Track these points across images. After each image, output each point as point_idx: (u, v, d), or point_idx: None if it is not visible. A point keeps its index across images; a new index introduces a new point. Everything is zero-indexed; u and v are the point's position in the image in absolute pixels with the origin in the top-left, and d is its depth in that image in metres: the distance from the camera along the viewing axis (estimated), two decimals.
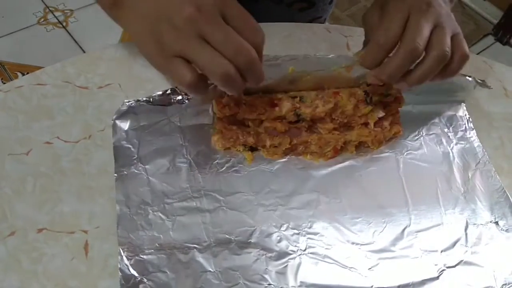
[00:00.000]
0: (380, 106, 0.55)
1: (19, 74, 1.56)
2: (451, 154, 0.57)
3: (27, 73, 0.56)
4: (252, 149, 0.53)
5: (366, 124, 0.55)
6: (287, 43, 0.66)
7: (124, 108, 0.52)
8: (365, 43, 0.53)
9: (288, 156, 0.54)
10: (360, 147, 0.56)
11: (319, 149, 0.54)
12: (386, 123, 0.56)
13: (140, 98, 0.52)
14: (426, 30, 0.47)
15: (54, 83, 0.57)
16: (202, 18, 0.42)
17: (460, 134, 0.59)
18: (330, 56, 0.52)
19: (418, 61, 0.48)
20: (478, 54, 0.73)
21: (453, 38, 0.49)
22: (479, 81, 0.59)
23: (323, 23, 0.86)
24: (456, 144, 0.58)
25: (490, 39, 1.99)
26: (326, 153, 0.54)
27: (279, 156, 0.54)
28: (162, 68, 0.45)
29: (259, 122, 0.53)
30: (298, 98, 0.53)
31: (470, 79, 0.58)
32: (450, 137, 0.58)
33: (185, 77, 0.43)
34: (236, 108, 0.52)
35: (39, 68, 0.59)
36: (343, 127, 0.55)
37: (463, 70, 0.51)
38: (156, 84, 0.58)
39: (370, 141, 0.55)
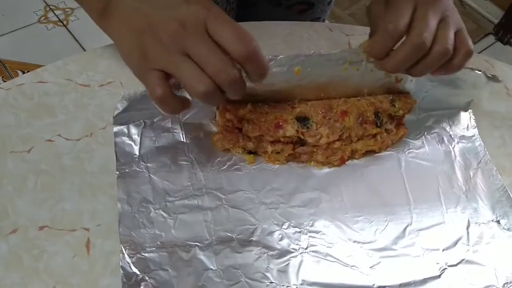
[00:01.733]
0: (388, 120, 0.55)
1: (19, 72, 1.56)
2: (452, 153, 0.57)
3: (28, 71, 0.56)
4: (252, 152, 0.53)
5: (373, 135, 0.55)
6: (288, 42, 0.66)
7: (124, 103, 0.51)
8: (371, 35, 0.53)
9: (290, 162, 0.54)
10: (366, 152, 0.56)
11: (325, 159, 0.53)
12: (391, 126, 0.56)
13: (140, 90, 0.51)
14: (433, 24, 0.47)
15: (55, 81, 0.57)
16: (186, 34, 0.41)
17: (461, 133, 0.59)
18: (335, 52, 0.51)
19: None
20: (479, 53, 0.73)
21: (458, 33, 0.49)
22: (489, 75, 0.59)
23: None
24: (457, 143, 0.58)
25: (491, 38, 1.98)
26: (332, 162, 0.54)
27: (281, 162, 0.53)
28: (141, 79, 0.44)
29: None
30: (303, 125, 0.52)
31: (480, 73, 0.58)
32: (452, 136, 0.58)
33: (155, 91, 0.42)
34: (239, 123, 0.52)
35: (39, 66, 0.58)
36: (349, 139, 0.54)
37: (471, 65, 0.50)
38: None
39: (377, 148, 0.55)
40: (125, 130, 0.52)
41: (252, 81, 0.44)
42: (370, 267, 0.47)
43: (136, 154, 0.51)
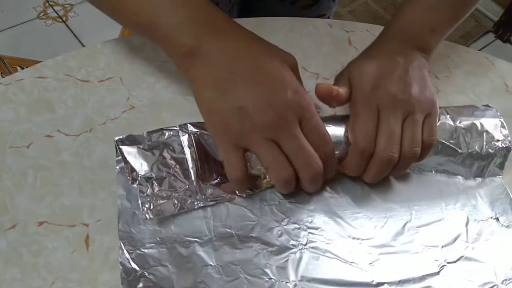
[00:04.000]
0: None
1: (18, 68, 1.56)
2: None
3: (26, 67, 0.56)
4: None
5: None
6: (289, 38, 0.66)
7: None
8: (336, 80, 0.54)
9: None
10: None
11: None
12: None
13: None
14: (397, 132, 0.48)
15: (55, 76, 0.57)
16: (281, 127, 0.43)
17: None
18: None
19: None
20: (478, 51, 0.73)
21: (424, 121, 0.50)
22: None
23: None
24: None
25: (491, 36, 1.98)
26: None
27: None
28: (220, 149, 0.46)
29: None
30: None
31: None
32: None
33: (236, 172, 0.45)
34: None
35: (38, 62, 0.58)
36: None
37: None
38: (157, 77, 0.58)
39: None
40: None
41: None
42: (369, 264, 0.47)
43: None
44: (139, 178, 0.47)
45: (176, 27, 0.45)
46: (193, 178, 0.48)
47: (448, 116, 0.53)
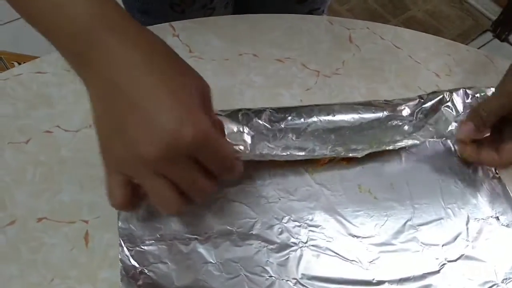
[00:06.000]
0: None
1: (16, 64, 1.54)
2: (453, 148, 0.57)
3: (24, 63, 0.56)
4: None
5: None
6: (289, 35, 0.65)
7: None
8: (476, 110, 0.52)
9: None
10: None
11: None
12: None
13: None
14: None
15: (54, 71, 0.56)
16: (169, 164, 0.36)
17: None
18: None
19: None
20: (477, 49, 0.73)
21: None
22: None
23: (321, 15, 0.85)
24: None
25: (489, 35, 1.98)
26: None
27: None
28: (105, 170, 0.39)
29: None
30: None
31: None
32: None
33: (116, 199, 0.39)
34: None
35: (36, 58, 0.58)
36: None
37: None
38: None
39: None
40: None
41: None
42: (370, 262, 0.47)
43: None
44: None
45: (72, 33, 0.37)
46: None
47: None
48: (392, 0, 2.01)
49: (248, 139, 0.51)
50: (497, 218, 0.52)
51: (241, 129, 0.52)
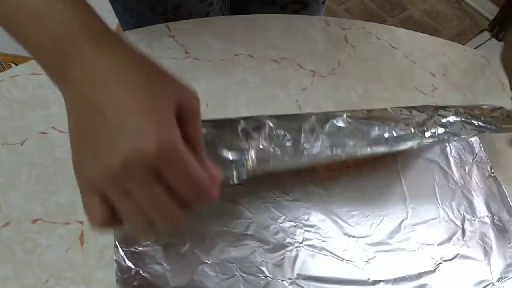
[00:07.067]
0: None
1: (13, 65, 1.54)
2: (448, 148, 0.57)
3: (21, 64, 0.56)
4: None
5: None
6: (285, 35, 0.65)
7: None
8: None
9: None
10: None
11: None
12: None
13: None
14: None
15: None
16: (129, 178, 0.34)
17: None
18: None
19: None
20: (474, 49, 0.73)
21: None
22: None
23: None
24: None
25: (486, 35, 1.98)
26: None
27: None
28: (80, 191, 0.37)
29: None
30: None
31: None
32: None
33: (94, 219, 0.36)
34: None
35: (32, 59, 0.58)
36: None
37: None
38: None
39: None
40: None
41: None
42: (366, 262, 0.47)
43: None
44: None
45: (45, 43, 0.36)
46: None
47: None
48: (390, 0, 2.01)
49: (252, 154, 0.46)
50: (492, 217, 0.52)
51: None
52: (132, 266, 0.43)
